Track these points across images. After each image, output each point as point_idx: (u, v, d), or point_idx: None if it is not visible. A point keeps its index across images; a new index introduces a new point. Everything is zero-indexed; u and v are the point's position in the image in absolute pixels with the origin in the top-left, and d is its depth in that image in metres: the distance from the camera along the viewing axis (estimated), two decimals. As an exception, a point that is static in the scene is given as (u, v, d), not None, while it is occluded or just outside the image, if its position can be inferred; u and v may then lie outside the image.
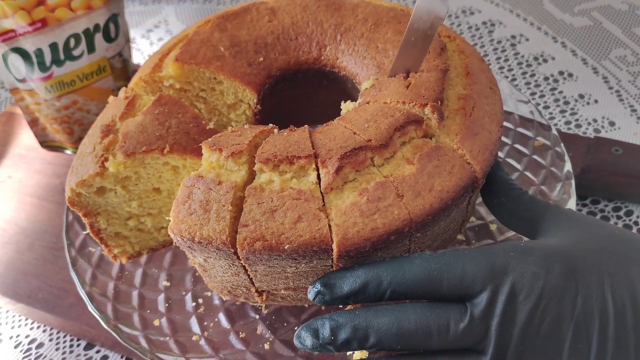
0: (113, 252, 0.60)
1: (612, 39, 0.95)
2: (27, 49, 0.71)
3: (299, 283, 0.51)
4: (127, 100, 0.57)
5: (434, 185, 0.47)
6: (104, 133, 0.54)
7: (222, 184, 0.46)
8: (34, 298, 0.67)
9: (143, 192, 0.56)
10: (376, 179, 0.46)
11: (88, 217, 0.56)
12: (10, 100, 0.99)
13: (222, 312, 0.60)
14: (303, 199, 0.45)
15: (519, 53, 0.96)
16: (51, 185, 0.80)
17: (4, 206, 0.78)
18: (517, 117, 0.72)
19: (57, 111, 0.77)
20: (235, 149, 0.47)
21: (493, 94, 0.54)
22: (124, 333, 0.56)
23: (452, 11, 1.06)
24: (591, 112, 0.85)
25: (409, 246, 0.49)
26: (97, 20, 0.73)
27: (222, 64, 0.59)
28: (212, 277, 0.55)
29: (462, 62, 0.56)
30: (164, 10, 1.14)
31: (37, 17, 0.69)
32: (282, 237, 0.44)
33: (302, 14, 0.61)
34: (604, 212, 0.72)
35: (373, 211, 0.45)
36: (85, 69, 0.75)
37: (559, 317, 0.42)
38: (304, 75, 0.62)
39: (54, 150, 0.84)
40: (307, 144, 0.48)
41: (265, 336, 0.57)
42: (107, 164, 0.52)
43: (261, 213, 0.45)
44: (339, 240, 0.44)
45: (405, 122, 0.48)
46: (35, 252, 0.72)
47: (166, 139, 0.53)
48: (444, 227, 0.51)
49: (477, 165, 0.49)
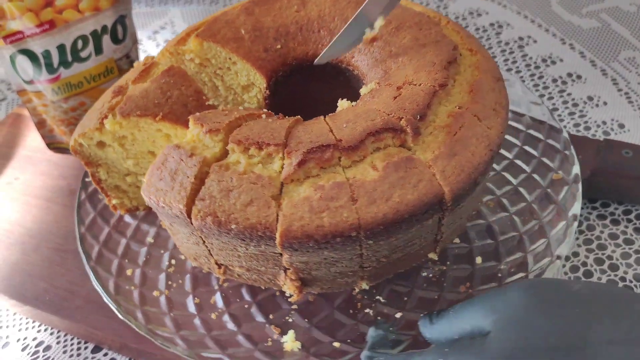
0: (112, 203, 0.65)
1: (621, 40, 0.95)
2: (34, 51, 0.71)
3: (251, 264, 0.53)
4: (144, 66, 0.61)
5: (392, 195, 0.46)
6: (115, 93, 0.58)
7: (193, 156, 0.49)
8: (40, 300, 0.67)
9: (139, 152, 0.59)
10: (337, 179, 0.47)
11: (89, 166, 0.61)
12: (17, 102, 0.99)
13: (190, 275, 0.64)
14: (259, 184, 0.47)
15: (527, 55, 0.95)
16: (57, 187, 0.80)
17: (11, 208, 0.78)
18: (528, 119, 0.72)
19: (64, 113, 0.77)
20: (214, 126, 0.50)
21: (495, 116, 0.52)
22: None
23: (459, 13, 1.05)
24: (600, 115, 0.84)
25: (360, 252, 0.49)
26: (105, 22, 0.73)
27: (238, 45, 0.61)
28: (180, 241, 0.58)
29: (472, 78, 0.54)
30: (170, 11, 1.14)
31: (45, 19, 0.69)
32: (231, 216, 0.46)
33: (330, 7, 0.62)
34: (614, 215, 0.72)
35: (322, 209, 0.45)
36: (93, 71, 0.75)
37: None
38: (321, 69, 0.62)
39: (61, 152, 0.84)
40: (281, 133, 0.49)
41: (217, 306, 0.60)
42: (106, 121, 0.56)
43: (218, 190, 0.47)
44: (282, 230, 0.45)
45: (381, 129, 0.48)
46: (42, 254, 0.72)
47: (163, 108, 0.56)
48: (404, 240, 0.50)
49: (446, 186, 0.47)
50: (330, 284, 0.54)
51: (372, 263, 0.51)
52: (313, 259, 0.49)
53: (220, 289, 0.61)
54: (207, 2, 1.16)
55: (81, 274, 0.68)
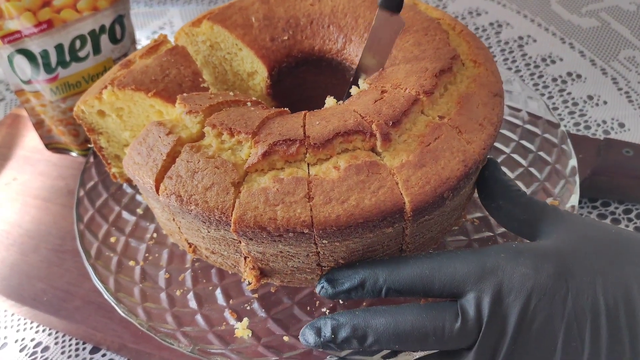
0: (112, 171, 0.67)
1: (621, 39, 0.94)
2: (32, 51, 0.70)
3: (214, 247, 0.53)
4: (154, 43, 0.62)
5: (349, 198, 0.45)
6: (121, 66, 0.60)
7: (170, 135, 0.50)
8: (38, 301, 0.67)
9: (135, 125, 0.60)
10: (298, 174, 0.47)
11: (91, 133, 0.63)
12: (16, 103, 0.99)
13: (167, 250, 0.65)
14: (222, 170, 0.47)
15: (526, 54, 0.95)
16: (56, 187, 0.80)
17: (9, 208, 0.78)
18: (525, 114, 0.71)
19: (63, 113, 0.77)
20: (194, 108, 0.51)
21: (479, 131, 0.50)
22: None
23: (458, 12, 1.05)
24: (600, 114, 0.84)
25: (316, 250, 0.49)
26: (103, 22, 0.73)
27: (245, 32, 0.62)
28: (157, 216, 0.60)
29: (465, 90, 0.53)
30: (169, 11, 1.14)
31: (43, 19, 0.69)
32: (192, 197, 0.47)
33: (345, 4, 0.62)
34: (615, 214, 0.72)
35: (277, 202, 0.45)
36: (91, 70, 0.75)
37: (550, 317, 0.42)
38: (328, 63, 0.63)
39: (59, 152, 0.84)
40: (255, 122, 0.49)
41: (185, 284, 0.61)
42: (104, 91, 0.57)
43: (185, 170, 0.48)
44: (236, 218, 0.46)
45: (350, 130, 0.47)
46: (40, 254, 0.72)
47: (158, 85, 0.57)
48: (363, 244, 0.49)
49: (408, 196, 0.46)
50: (289, 278, 0.54)
51: (330, 263, 0.50)
52: (269, 250, 0.49)
53: (192, 267, 0.63)
54: (205, 1, 1.15)
55: (79, 274, 0.68)
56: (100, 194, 0.70)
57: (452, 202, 0.51)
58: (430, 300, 0.48)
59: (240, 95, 0.56)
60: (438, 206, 0.48)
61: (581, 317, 0.42)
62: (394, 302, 0.54)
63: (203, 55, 0.65)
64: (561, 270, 0.43)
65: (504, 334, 0.43)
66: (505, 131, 0.71)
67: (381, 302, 0.53)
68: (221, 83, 0.67)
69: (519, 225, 0.51)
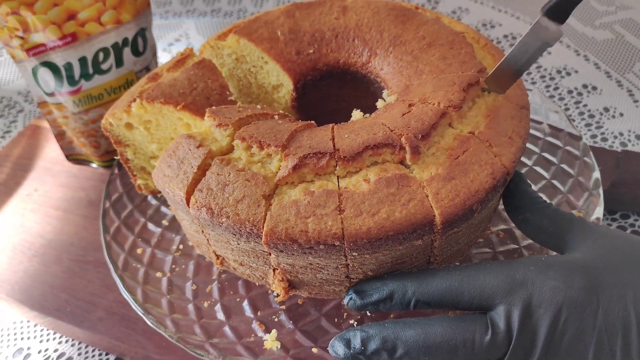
0: (137, 183, 0.67)
1: (635, 52, 0.95)
2: (56, 63, 0.71)
3: (243, 259, 0.54)
4: (181, 56, 0.63)
5: (380, 210, 0.45)
6: (149, 79, 0.61)
7: (200, 147, 0.51)
8: (62, 311, 0.67)
9: (162, 137, 0.61)
10: (328, 187, 0.47)
11: (118, 145, 0.63)
12: (34, 114, 0.99)
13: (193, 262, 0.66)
14: (253, 182, 0.47)
15: (541, 66, 0.96)
16: (76, 198, 0.80)
17: (30, 219, 0.78)
18: (546, 126, 0.72)
19: (85, 124, 0.78)
20: (223, 121, 0.51)
21: (508, 144, 0.50)
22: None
23: (472, 24, 1.06)
24: (617, 126, 0.84)
25: (346, 262, 0.49)
26: (126, 35, 0.74)
27: (271, 46, 0.63)
28: (185, 228, 0.61)
29: (493, 103, 0.53)
30: (185, 24, 1.15)
31: (68, 32, 0.70)
32: (223, 210, 0.47)
33: (369, 18, 0.63)
34: (634, 226, 0.72)
35: (308, 214, 0.46)
36: (113, 83, 0.76)
37: (580, 331, 0.42)
38: (352, 76, 0.63)
39: (80, 164, 0.85)
40: (284, 136, 0.50)
41: (213, 295, 0.62)
42: (133, 104, 0.58)
43: (216, 183, 0.48)
44: (267, 230, 0.46)
45: (380, 143, 0.48)
46: (63, 265, 0.72)
47: (186, 98, 0.57)
48: (392, 257, 0.49)
49: (438, 209, 0.46)
50: (317, 290, 0.55)
51: (359, 275, 0.51)
52: (299, 262, 0.50)
53: (219, 279, 0.63)
54: (221, 14, 1.17)
55: (102, 285, 0.69)
56: (126, 205, 0.70)
57: (480, 215, 0.51)
58: (458, 313, 0.48)
59: (268, 108, 0.56)
60: (467, 219, 0.48)
61: (612, 331, 0.42)
62: (421, 314, 0.54)
63: (228, 68, 0.66)
64: (591, 284, 0.43)
65: (534, 347, 0.43)
66: (527, 144, 0.71)
67: (408, 315, 0.53)
68: (245, 96, 0.68)
69: (547, 238, 0.51)
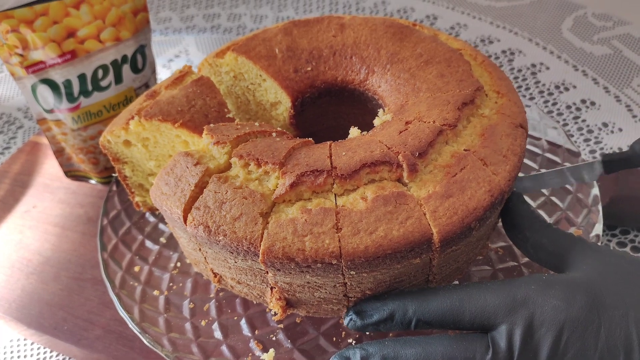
0: (135, 200, 0.67)
1: (634, 67, 0.95)
2: (56, 80, 0.71)
3: (241, 277, 0.54)
4: (180, 74, 0.63)
5: (377, 229, 0.45)
6: (147, 96, 0.61)
7: (198, 165, 0.50)
8: (59, 330, 0.67)
9: (160, 155, 0.61)
10: (326, 205, 0.47)
11: (116, 162, 0.64)
12: (34, 130, 1.00)
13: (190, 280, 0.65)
14: (250, 200, 0.47)
15: (539, 82, 0.96)
16: (75, 214, 0.80)
17: (29, 236, 0.78)
18: (545, 143, 0.72)
19: (84, 141, 0.78)
20: (221, 138, 0.51)
21: (503, 162, 0.50)
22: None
23: (471, 40, 1.07)
24: (616, 141, 0.84)
25: (343, 281, 0.49)
26: (125, 52, 0.74)
27: (269, 63, 0.63)
28: (182, 245, 0.60)
29: (488, 121, 0.53)
30: (185, 40, 1.15)
31: (67, 49, 0.70)
32: (220, 228, 0.47)
33: (367, 35, 0.63)
34: (634, 242, 0.71)
35: (306, 233, 0.46)
36: (113, 100, 0.76)
37: (582, 351, 0.42)
38: (350, 94, 0.63)
39: (78, 180, 0.85)
40: (281, 153, 0.50)
41: (210, 314, 0.61)
42: (131, 122, 0.58)
43: (213, 201, 0.48)
44: (264, 249, 0.46)
45: (377, 161, 0.48)
46: (61, 282, 0.72)
47: (184, 115, 0.57)
48: (390, 275, 0.49)
49: (435, 227, 0.46)
50: (315, 309, 0.54)
51: (357, 294, 0.50)
52: (296, 280, 0.49)
53: (217, 297, 0.63)
54: (220, 30, 1.17)
55: (100, 303, 0.68)
56: (123, 222, 0.70)
57: (478, 232, 0.51)
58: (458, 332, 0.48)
59: (266, 126, 0.56)
60: (465, 236, 0.48)
61: (614, 352, 0.42)
62: (421, 333, 0.53)
63: (226, 86, 0.66)
64: (593, 303, 0.43)
65: None
66: (526, 160, 0.72)
67: (408, 334, 0.53)
68: (243, 113, 0.68)
69: (546, 257, 0.51)
